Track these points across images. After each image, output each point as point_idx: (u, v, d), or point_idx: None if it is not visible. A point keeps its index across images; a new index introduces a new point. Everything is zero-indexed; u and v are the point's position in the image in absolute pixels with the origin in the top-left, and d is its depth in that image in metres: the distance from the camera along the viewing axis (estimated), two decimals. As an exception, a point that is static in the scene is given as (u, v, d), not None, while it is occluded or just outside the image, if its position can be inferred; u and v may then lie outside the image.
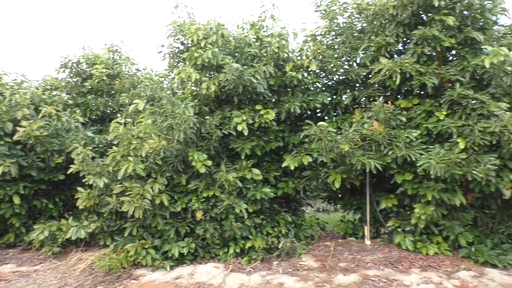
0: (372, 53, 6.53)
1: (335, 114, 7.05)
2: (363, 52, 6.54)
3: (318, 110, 7.24)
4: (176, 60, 7.37)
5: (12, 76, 8.20)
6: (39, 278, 5.96)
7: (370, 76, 6.61)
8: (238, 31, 7.17)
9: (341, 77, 7.00)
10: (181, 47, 7.25)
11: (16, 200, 6.82)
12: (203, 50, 6.35)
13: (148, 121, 6.24)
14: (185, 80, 6.23)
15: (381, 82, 6.46)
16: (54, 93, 8.58)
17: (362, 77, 6.55)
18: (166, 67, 7.64)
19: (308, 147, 6.59)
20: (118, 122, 6.34)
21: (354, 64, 6.96)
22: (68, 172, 6.63)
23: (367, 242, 6.88)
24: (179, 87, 6.98)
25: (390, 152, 5.89)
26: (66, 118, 7.49)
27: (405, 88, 6.41)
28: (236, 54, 6.85)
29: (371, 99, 6.77)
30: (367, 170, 5.94)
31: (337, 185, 6.25)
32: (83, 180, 6.41)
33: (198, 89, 6.72)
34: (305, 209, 8.81)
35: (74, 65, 9.06)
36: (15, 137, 6.71)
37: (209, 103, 6.87)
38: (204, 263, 6.26)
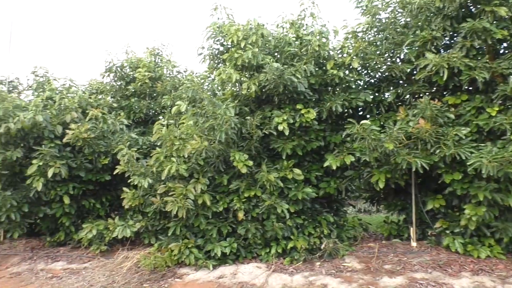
0: (417, 48, 6.30)
1: (377, 112, 6.86)
2: (407, 47, 6.32)
3: (360, 109, 7.08)
4: (216, 61, 7.43)
5: (61, 81, 8.58)
6: (88, 275, 6.18)
7: (415, 72, 6.37)
8: (277, 30, 7.15)
9: (383, 74, 6.80)
10: (221, 49, 7.32)
11: (66, 200, 7.10)
12: (243, 50, 6.37)
13: (190, 122, 6.32)
14: (226, 81, 6.26)
15: (427, 78, 6.22)
16: (100, 96, 8.91)
17: (406, 73, 6.33)
18: (206, 69, 7.74)
19: (350, 146, 6.46)
20: (161, 124, 6.47)
21: (398, 61, 6.75)
22: (114, 173, 6.83)
23: (413, 244, 6.65)
24: (220, 88, 7.04)
25: (437, 151, 5.65)
26: (112, 120, 7.74)
27: (453, 84, 6.13)
28: (276, 53, 6.83)
29: (416, 96, 6.54)
30: (413, 170, 5.73)
31: (381, 185, 6.08)
32: (129, 181, 6.58)
33: (238, 90, 6.74)
34: (346, 209, 8.64)
35: (118, 69, 9.35)
36: (65, 140, 6.99)
37: (249, 103, 6.88)
38: (246, 263, 6.27)
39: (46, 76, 8.95)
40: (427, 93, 6.39)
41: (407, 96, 6.59)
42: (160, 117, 8.71)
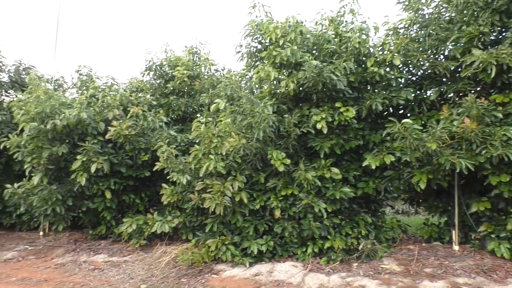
0: (463, 44, 6.05)
1: (419, 111, 6.65)
2: (452, 44, 6.09)
3: (400, 107, 6.89)
4: (254, 59, 7.44)
5: (103, 79, 8.84)
6: (128, 268, 6.35)
7: (459, 69, 6.14)
8: (316, 27, 7.07)
9: (426, 72, 6.57)
10: (259, 47, 7.32)
11: (108, 194, 7.33)
12: (282, 48, 6.34)
13: (228, 120, 6.36)
14: (264, 79, 6.25)
15: (473, 75, 5.98)
16: (140, 94, 9.12)
17: (450, 71, 6.09)
18: (244, 67, 7.77)
19: (390, 146, 6.30)
20: (199, 122, 6.55)
21: (441, 58, 6.51)
22: (153, 169, 6.99)
23: (455, 247, 6.42)
24: (258, 86, 7.04)
25: (483, 152, 5.41)
26: (151, 118, 7.91)
27: (501, 81, 5.85)
28: (314, 51, 6.75)
29: (461, 94, 6.30)
30: (457, 171, 5.52)
31: (423, 186, 5.90)
32: (167, 177, 6.71)
33: (276, 88, 6.71)
34: (384, 210, 8.45)
35: (158, 67, 9.55)
36: (107, 136, 7.22)
37: (287, 101, 6.84)
38: (282, 261, 6.25)
39: (89, 75, 9.25)
40: (472, 91, 6.13)
41: (451, 94, 6.35)
42: (198, 115, 8.84)
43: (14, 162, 8.62)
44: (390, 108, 6.90)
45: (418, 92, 6.67)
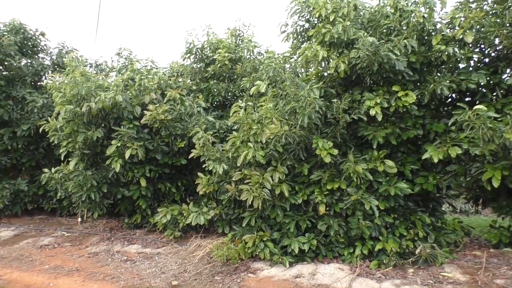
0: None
1: (492, 97, 5.71)
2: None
3: (468, 93, 5.96)
4: (301, 40, 6.80)
5: (143, 62, 8.52)
6: (161, 261, 5.98)
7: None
8: (372, 2, 6.28)
9: (502, 52, 5.58)
10: (306, 25, 6.66)
11: (143, 182, 7.00)
12: (332, 25, 5.62)
13: (270, 105, 5.80)
14: (311, 59, 5.59)
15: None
16: (180, 80, 8.72)
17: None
18: (289, 48, 7.12)
19: (455, 137, 5.43)
20: (239, 106, 6.03)
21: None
22: (189, 157, 6.56)
23: (531, 256, 5.51)
24: (303, 68, 6.37)
25: None
26: (189, 102, 7.50)
27: None
28: (370, 28, 5.97)
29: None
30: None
31: (496, 183, 5.02)
32: (203, 166, 6.26)
33: (324, 69, 6.03)
34: (444, 209, 7.54)
35: (198, 50, 9.12)
36: (143, 121, 6.86)
37: (335, 85, 6.14)
38: (326, 262, 5.69)
39: (129, 58, 8.98)
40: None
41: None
42: (239, 101, 8.31)
43: (55, 146, 8.54)
44: (453, 95, 6.02)
45: (491, 75, 5.71)
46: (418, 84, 5.79)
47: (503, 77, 5.72)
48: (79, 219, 8.34)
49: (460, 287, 4.83)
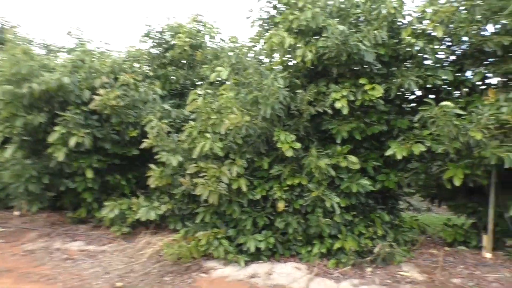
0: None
1: (456, 95, 5.63)
2: (508, 15, 4.98)
3: (433, 90, 5.87)
4: (266, 27, 6.48)
5: (95, 44, 7.91)
6: (106, 260, 5.49)
7: (510, 49, 5.10)
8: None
9: (469, 49, 5.49)
10: (273, 12, 6.33)
11: (89, 173, 6.44)
12: (301, 11, 5.32)
13: (231, 94, 5.44)
14: (276, 46, 5.26)
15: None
16: (136, 65, 8.15)
17: (503, 48, 5.02)
18: (254, 37, 6.76)
19: (419, 134, 5.31)
20: (198, 94, 5.63)
21: (488, 33, 5.45)
22: (141, 147, 6.08)
23: (487, 254, 5.52)
24: (268, 56, 6.04)
25: (539, 146, 4.45)
26: (144, 89, 7.00)
27: None
28: (339, 18, 5.72)
29: (506, 78, 5.30)
30: (506, 166, 4.53)
31: (458, 182, 4.92)
32: (156, 157, 5.81)
33: (289, 59, 5.73)
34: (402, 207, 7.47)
35: (157, 34, 8.56)
36: (91, 106, 6.30)
37: (300, 76, 5.86)
38: (283, 261, 5.43)
39: (80, 38, 8.30)
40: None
41: (496, 77, 5.34)
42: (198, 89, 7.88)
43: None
44: (420, 92, 5.90)
45: (457, 73, 5.63)
46: (386, 78, 5.62)
47: (467, 75, 5.66)
48: (16, 213, 7.61)
49: (417, 286, 4.72)
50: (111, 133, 6.60)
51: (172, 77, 8.18)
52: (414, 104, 6.04)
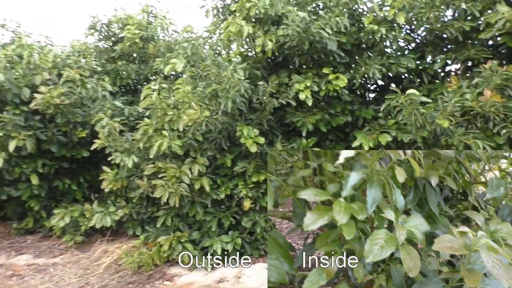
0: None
1: (418, 83, 5.58)
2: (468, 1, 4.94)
3: (396, 78, 5.79)
4: (222, 17, 6.14)
5: (35, 37, 7.23)
6: (57, 274, 5.00)
7: (470, 35, 5.09)
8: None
9: (430, 36, 5.43)
10: (228, 1, 6.00)
11: (34, 180, 5.85)
12: (258, -1, 5.04)
13: (187, 88, 5.07)
14: (234, 36, 4.96)
15: (486, 41, 4.98)
16: (82, 60, 7.54)
17: (464, 34, 4.98)
18: (209, 27, 6.40)
19: (384, 123, 5.22)
20: (151, 89, 5.22)
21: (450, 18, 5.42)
22: (92, 148, 5.60)
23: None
24: (225, 47, 5.72)
25: (503, 131, 4.44)
26: (92, 85, 6.45)
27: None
28: (297, 5, 5.49)
29: (469, 64, 5.30)
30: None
31: (425, 171, 4.87)
32: (109, 158, 5.37)
33: (248, 50, 5.44)
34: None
35: (104, 26, 7.98)
36: (32, 105, 5.71)
37: (260, 67, 5.60)
38: (252, 262, 5.13)
39: (17, 32, 7.55)
40: (485, 60, 5.09)
41: (457, 64, 5.32)
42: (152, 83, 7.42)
43: None
44: (381, 81, 5.81)
45: (418, 60, 5.57)
46: (349, 67, 5.47)
47: (428, 61, 5.63)
48: (-47, 226, 6.86)
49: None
50: (57, 134, 6.03)
51: (123, 72, 7.63)
52: (377, 94, 5.95)
